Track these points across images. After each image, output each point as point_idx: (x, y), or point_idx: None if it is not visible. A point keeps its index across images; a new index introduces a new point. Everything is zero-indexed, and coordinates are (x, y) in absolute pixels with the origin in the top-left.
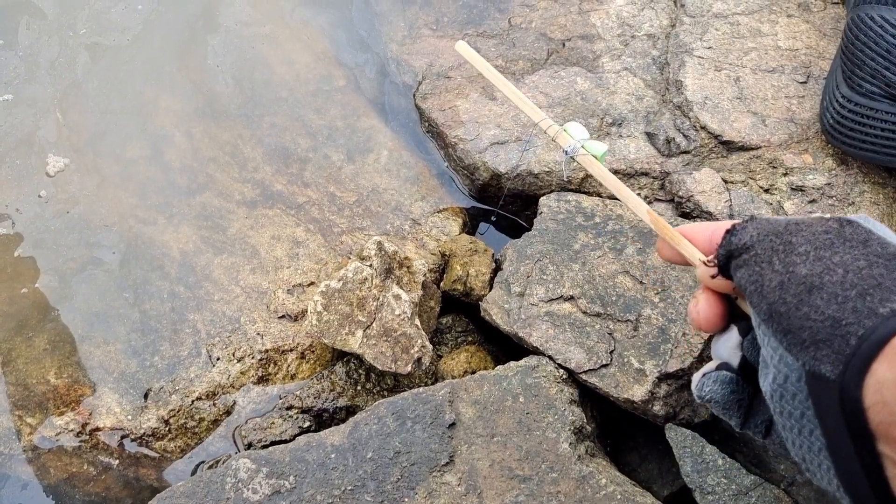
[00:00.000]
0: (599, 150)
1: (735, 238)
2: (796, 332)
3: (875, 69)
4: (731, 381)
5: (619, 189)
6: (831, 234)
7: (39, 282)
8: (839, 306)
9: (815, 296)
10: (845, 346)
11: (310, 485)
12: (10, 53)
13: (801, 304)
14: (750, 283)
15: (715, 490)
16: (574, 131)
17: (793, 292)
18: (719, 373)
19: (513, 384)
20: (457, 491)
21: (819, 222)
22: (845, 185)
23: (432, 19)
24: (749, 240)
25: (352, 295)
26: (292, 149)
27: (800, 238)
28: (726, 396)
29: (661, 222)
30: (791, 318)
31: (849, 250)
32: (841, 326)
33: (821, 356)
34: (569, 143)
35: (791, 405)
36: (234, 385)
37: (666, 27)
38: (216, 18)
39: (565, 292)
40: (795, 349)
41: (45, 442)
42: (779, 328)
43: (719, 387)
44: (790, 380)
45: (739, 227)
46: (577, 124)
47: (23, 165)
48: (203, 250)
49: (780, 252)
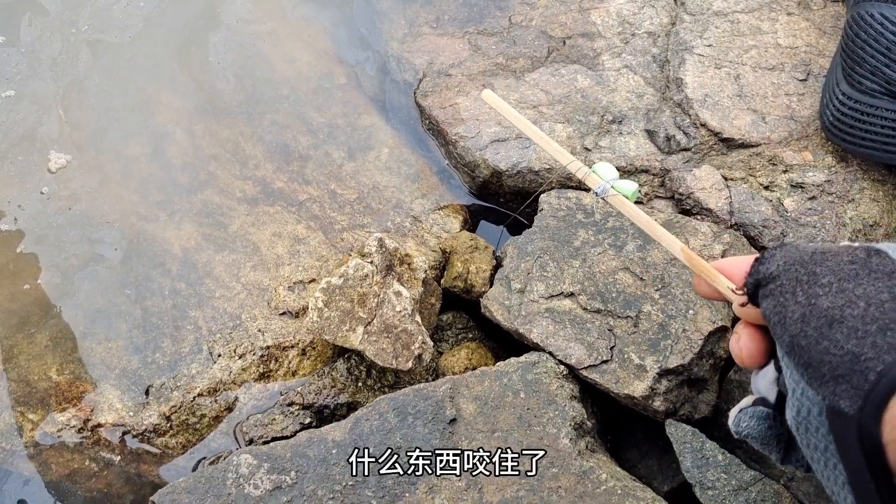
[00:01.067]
0: (629, 190)
1: (762, 267)
2: (817, 367)
3: (875, 66)
4: (768, 416)
5: (652, 228)
6: (856, 265)
7: (41, 278)
8: (859, 341)
9: (835, 330)
10: (864, 381)
11: (311, 480)
12: (13, 50)
13: (821, 338)
14: (774, 315)
15: (715, 485)
16: (603, 172)
17: (814, 325)
18: (756, 408)
19: (513, 380)
20: (457, 486)
21: (846, 251)
22: (845, 182)
23: (433, 17)
24: (776, 269)
25: (353, 291)
26: (293, 146)
27: (824, 268)
28: (763, 432)
29: (695, 259)
30: (812, 352)
31: (873, 282)
32: (860, 362)
33: (840, 391)
34: (599, 185)
35: (815, 438)
36: (236, 381)
37: (666, 25)
38: (217, 16)
39: (566, 289)
40: (816, 383)
41: (46, 438)
42: (800, 361)
43: (756, 422)
44: (812, 413)
45: (768, 255)
46: (606, 165)
47: (25, 162)
48: (204, 247)
49: (803, 283)
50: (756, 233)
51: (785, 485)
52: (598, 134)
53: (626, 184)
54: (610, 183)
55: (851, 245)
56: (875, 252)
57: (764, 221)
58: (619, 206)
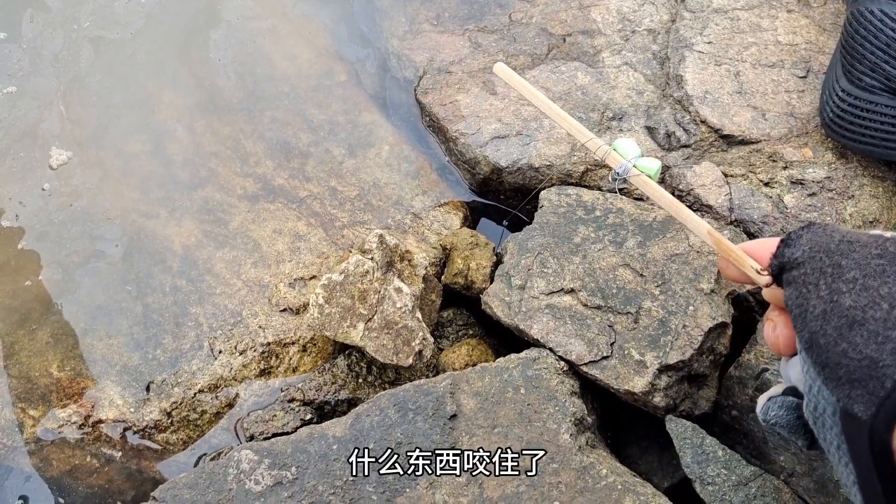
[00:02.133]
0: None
1: (788, 250)
2: (833, 368)
3: (875, 63)
4: (798, 406)
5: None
6: (884, 260)
7: (42, 275)
8: (878, 346)
9: (855, 332)
10: (880, 388)
11: (312, 476)
12: (14, 46)
13: (840, 339)
14: (795, 307)
15: (715, 481)
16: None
17: (834, 324)
18: (785, 398)
19: (514, 376)
20: (458, 481)
21: (875, 242)
22: (845, 179)
23: (433, 14)
24: (801, 255)
25: (353, 288)
26: (294, 143)
27: (850, 261)
28: (792, 422)
29: (722, 242)
30: (830, 353)
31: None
32: (878, 368)
33: (855, 395)
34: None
35: (829, 435)
36: (236, 378)
37: (666, 22)
38: (218, 13)
39: (566, 285)
40: (832, 384)
41: (47, 434)
42: (818, 360)
43: (784, 412)
44: (827, 412)
45: (795, 237)
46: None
47: (27, 158)
48: (205, 244)
49: (827, 275)
50: (756, 229)
51: (785, 480)
52: (598, 130)
53: (649, 161)
54: (632, 161)
55: (882, 235)
56: None
57: (764, 218)
58: (643, 186)
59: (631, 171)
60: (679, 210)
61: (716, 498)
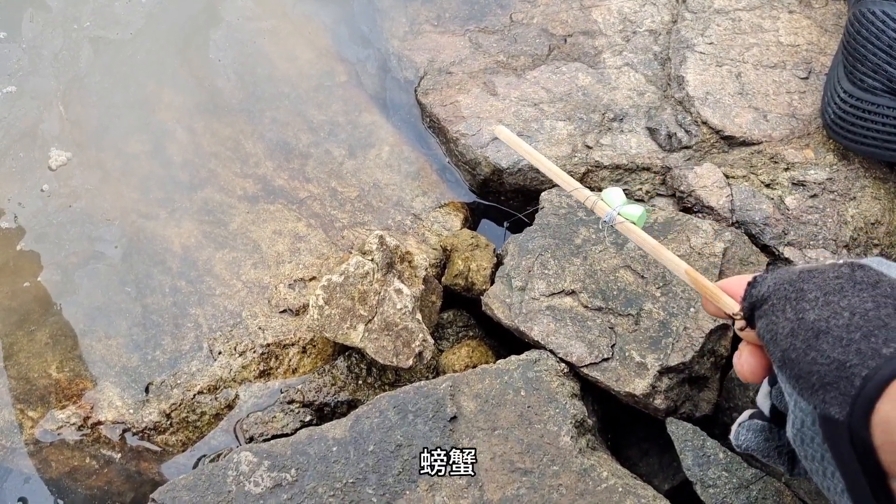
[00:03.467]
0: (636, 215)
1: (754, 290)
2: (806, 377)
3: (877, 64)
4: (764, 428)
5: (658, 252)
6: (842, 279)
7: (42, 276)
8: (844, 349)
9: (821, 340)
10: (850, 387)
11: (311, 478)
12: (14, 45)
13: (808, 350)
14: (766, 333)
15: (716, 483)
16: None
17: (802, 338)
18: (752, 422)
19: (514, 378)
20: (458, 484)
21: (832, 268)
22: (846, 181)
23: (434, 15)
24: (766, 290)
25: (353, 289)
26: (294, 144)
27: (811, 285)
28: (761, 444)
29: (700, 280)
30: (801, 364)
31: (857, 293)
32: (846, 368)
33: (829, 399)
34: (606, 212)
35: (811, 448)
36: (236, 379)
37: (667, 23)
38: (218, 13)
39: (566, 287)
40: (807, 393)
41: (46, 435)
42: (791, 374)
43: (752, 435)
44: (806, 424)
45: (759, 279)
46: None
47: (26, 159)
48: (205, 245)
49: (791, 300)
50: (757, 231)
51: (786, 483)
52: (599, 132)
53: (633, 209)
54: (617, 210)
55: (836, 262)
56: (859, 266)
57: (765, 219)
58: (627, 232)
59: (616, 218)
60: (660, 252)
61: (717, 501)
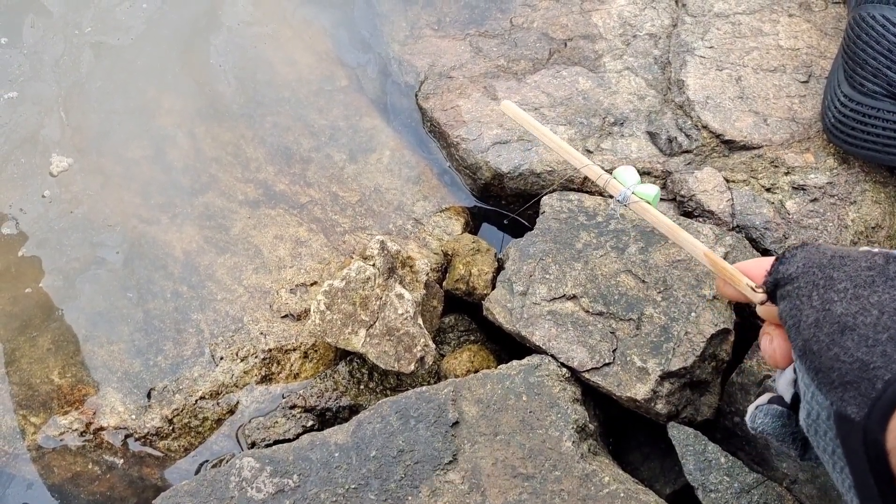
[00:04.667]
0: (651, 194)
1: (782, 267)
2: (826, 372)
3: (877, 68)
4: (782, 414)
5: (675, 233)
6: (874, 272)
7: (43, 282)
8: (869, 349)
9: (846, 337)
10: (871, 389)
11: (313, 483)
12: (15, 51)
13: (832, 344)
14: (789, 318)
15: (717, 488)
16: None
17: (826, 331)
18: (770, 406)
19: (515, 383)
20: (460, 489)
21: (865, 257)
22: (847, 185)
23: (434, 19)
24: (795, 270)
25: (355, 294)
26: (295, 149)
27: (841, 273)
28: (777, 429)
29: (718, 262)
30: (822, 358)
31: (888, 290)
32: (868, 370)
33: (848, 398)
34: (620, 191)
35: (824, 441)
36: (238, 384)
37: (667, 27)
38: (218, 18)
39: (568, 291)
40: (825, 388)
41: (49, 441)
42: (811, 366)
43: (770, 419)
44: (821, 417)
45: (789, 255)
46: (627, 168)
47: (27, 164)
48: (206, 250)
49: (820, 287)
50: (758, 235)
51: (787, 487)
52: (599, 136)
53: (648, 188)
54: (631, 189)
55: (871, 250)
56: (893, 258)
57: (766, 224)
58: (642, 212)
59: (630, 197)
60: (677, 233)
61: None
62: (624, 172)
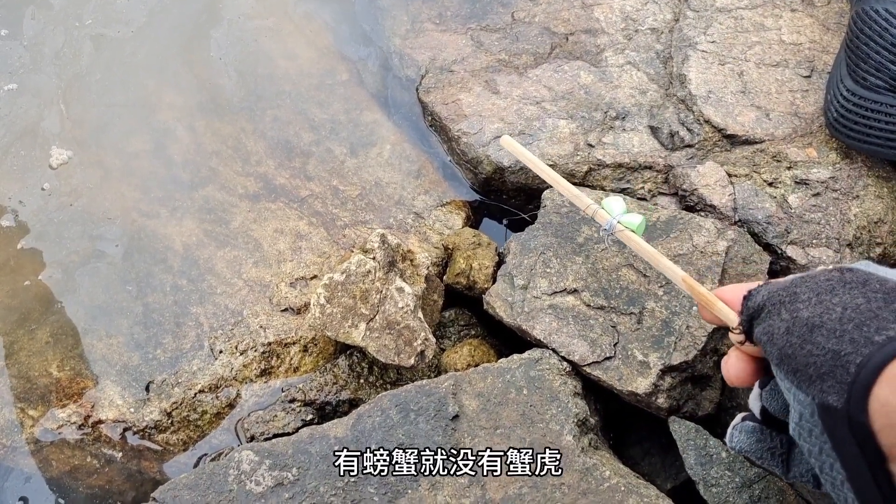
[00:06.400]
0: (635, 223)
1: (751, 302)
2: (803, 369)
3: (880, 63)
4: (755, 430)
5: (657, 260)
6: (833, 281)
7: (42, 274)
8: (838, 339)
9: (816, 333)
10: (846, 374)
11: (313, 477)
12: (16, 43)
13: (804, 343)
14: (763, 335)
15: (719, 482)
16: (610, 206)
17: (797, 333)
18: (744, 423)
19: (516, 377)
20: (460, 483)
21: (822, 273)
22: (849, 179)
23: (435, 13)
24: (761, 299)
25: (355, 288)
26: (295, 142)
27: (803, 288)
28: (753, 445)
29: (696, 288)
30: (797, 358)
31: (848, 291)
32: (840, 357)
33: (826, 388)
34: (606, 221)
35: (810, 442)
36: (237, 378)
37: (669, 21)
38: (219, 11)
39: (569, 285)
40: (804, 384)
41: (47, 434)
42: (789, 369)
43: (745, 436)
44: (804, 416)
45: (755, 292)
46: (614, 198)
47: (27, 157)
48: (206, 243)
49: (786, 303)
50: (760, 229)
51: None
52: (601, 130)
53: (632, 217)
54: (616, 218)
55: (826, 269)
56: (848, 269)
57: (768, 218)
58: (626, 240)
59: (616, 226)
60: (657, 260)
61: (720, 500)
62: (611, 202)
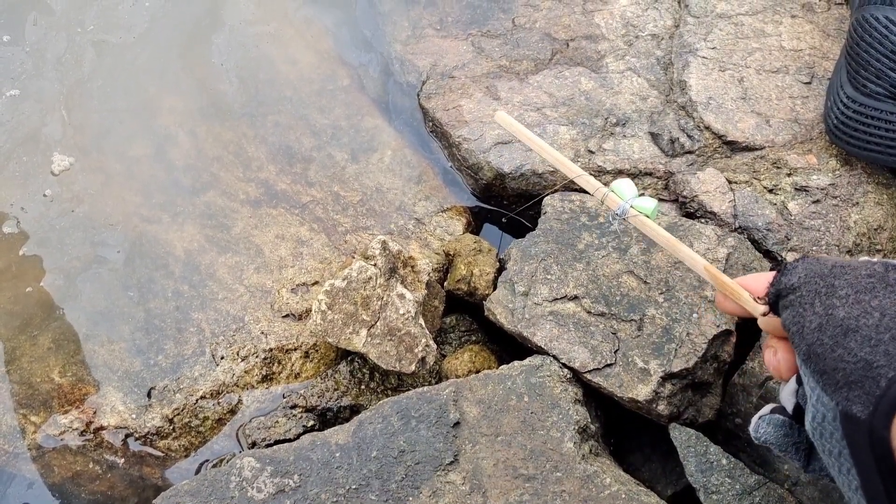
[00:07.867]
0: (649, 207)
1: (784, 278)
2: (831, 373)
3: (880, 70)
4: (784, 424)
5: (674, 247)
6: (874, 279)
7: (44, 281)
8: (872, 349)
9: (849, 338)
10: (875, 387)
11: (314, 483)
12: (18, 49)
13: (836, 346)
14: (792, 325)
15: (719, 490)
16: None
17: (830, 334)
18: (773, 416)
19: (517, 383)
20: (461, 490)
21: (865, 266)
22: (849, 186)
23: (436, 19)
24: (797, 280)
25: (356, 294)
26: (296, 148)
27: (842, 281)
28: (780, 439)
29: (719, 276)
30: (826, 360)
31: (888, 295)
32: (872, 369)
33: (853, 397)
34: (618, 205)
35: (830, 443)
36: (239, 384)
37: (670, 27)
38: (220, 17)
39: (569, 292)
40: (830, 389)
41: (49, 440)
42: (816, 368)
43: (773, 429)
44: (827, 419)
45: (790, 267)
46: (625, 181)
47: (29, 163)
48: (207, 249)
49: (822, 294)
50: (760, 236)
51: (789, 489)
52: (601, 136)
53: (646, 201)
54: (629, 202)
55: (870, 260)
56: (892, 267)
57: (768, 225)
58: (641, 226)
59: (629, 211)
60: (676, 247)
61: None
62: (622, 185)
